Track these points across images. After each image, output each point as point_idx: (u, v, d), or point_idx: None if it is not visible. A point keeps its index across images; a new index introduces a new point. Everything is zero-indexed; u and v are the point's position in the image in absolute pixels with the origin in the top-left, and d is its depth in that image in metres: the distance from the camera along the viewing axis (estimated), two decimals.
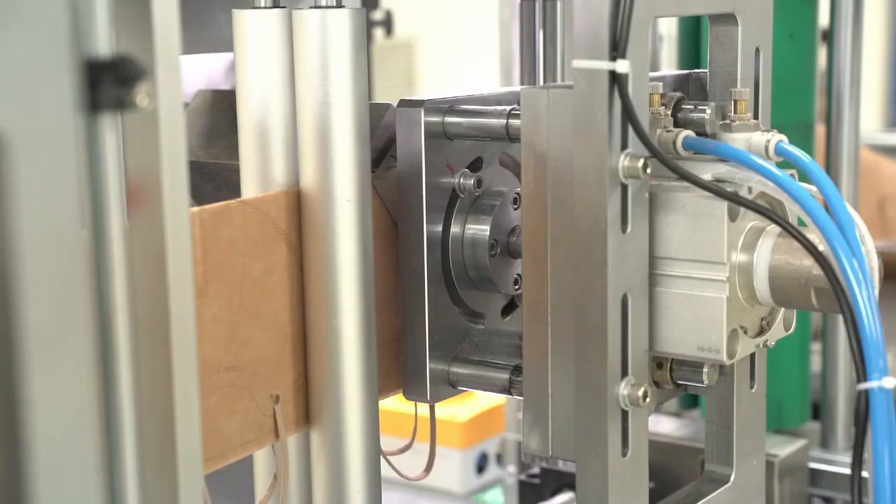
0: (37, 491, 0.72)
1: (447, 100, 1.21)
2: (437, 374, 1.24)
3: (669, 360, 1.16)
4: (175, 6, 0.82)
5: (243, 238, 1.11)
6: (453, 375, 1.25)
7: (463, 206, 1.24)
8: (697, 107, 1.17)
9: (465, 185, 1.23)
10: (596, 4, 1.05)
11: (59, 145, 0.72)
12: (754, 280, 1.11)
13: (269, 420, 1.16)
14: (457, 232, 1.24)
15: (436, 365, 1.24)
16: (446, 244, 1.24)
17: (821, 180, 1.06)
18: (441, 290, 1.24)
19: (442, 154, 1.21)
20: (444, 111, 1.20)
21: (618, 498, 1.11)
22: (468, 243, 1.24)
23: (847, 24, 1.65)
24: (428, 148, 1.19)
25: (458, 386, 1.26)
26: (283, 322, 1.16)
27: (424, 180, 1.19)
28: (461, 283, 1.26)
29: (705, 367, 1.16)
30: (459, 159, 1.24)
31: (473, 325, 1.28)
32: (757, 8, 1.21)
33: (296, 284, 1.17)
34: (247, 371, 1.13)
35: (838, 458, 1.68)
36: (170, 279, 0.83)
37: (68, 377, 0.73)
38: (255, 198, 1.14)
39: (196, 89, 1.43)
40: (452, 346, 1.25)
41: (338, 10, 1.14)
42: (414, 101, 1.19)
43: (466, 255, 1.25)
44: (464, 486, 2.38)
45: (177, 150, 0.83)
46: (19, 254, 0.70)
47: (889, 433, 1.00)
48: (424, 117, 1.18)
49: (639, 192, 1.09)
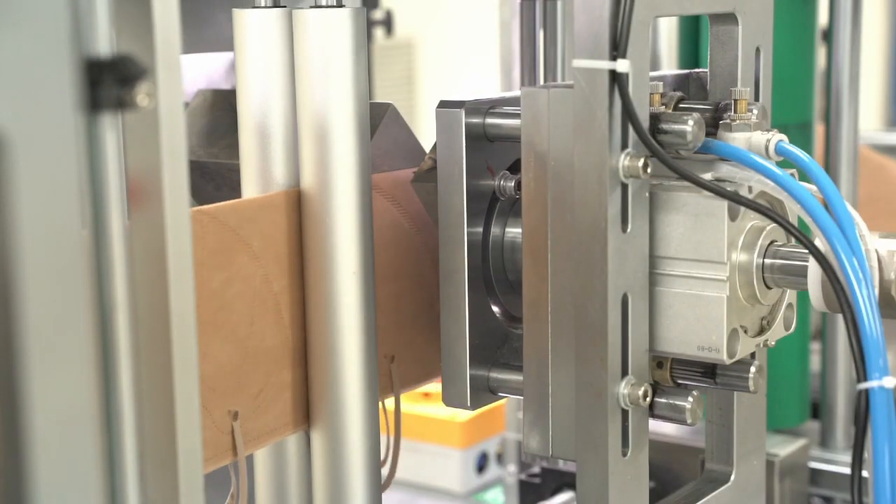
0: (37, 490, 0.72)
1: (488, 101, 1.19)
2: (477, 381, 1.22)
3: (670, 359, 1.16)
4: (175, 6, 0.82)
5: (200, 248, 1.07)
6: (493, 381, 1.23)
7: (503, 209, 1.23)
8: (697, 106, 1.17)
9: (505, 188, 1.21)
10: (596, 4, 1.05)
11: (59, 145, 0.72)
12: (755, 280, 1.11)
13: (226, 437, 1.11)
14: (497, 235, 1.22)
15: (476, 371, 1.21)
16: (486, 247, 1.22)
17: (821, 179, 1.07)
18: (481, 295, 1.22)
19: (482, 156, 1.19)
20: (485, 112, 1.18)
21: (618, 497, 1.11)
22: (508, 246, 1.23)
23: (846, 24, 1.65)
24: (469, 150, 1.17)
25: (498, 392, 1.24)
26: (243, 336, 1.12)
27: (465, 182, 1.18)
28: (501, 286, 1.24)
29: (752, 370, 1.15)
30: (499, 161, 1.21)
31: (513, 330, 1.25)
32: (757, 7, 1.21)
33: (257, 297, 1.13)
34: (203, 386, 1.06)
35: (838, 457, 1.68)
36: (170, 278, 0.83)
37: (69, 376, 0.73)
38: (212, 206, 1.10)
39: (196, 89, 1.43)
40: (492, 352, 1.23)
41: (338, 9, 1.14)
42: (455, 101, 1.17)
43: (506, 259, 1.23)
44: (464, 485, 2.38)
45: (177, 150, 0.83)
46: (20, 253, 0.70)
47: (889, 433, 1.00)
48: (465, 118, 1.17)
49: (639, 192, 1.09)
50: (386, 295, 1.23)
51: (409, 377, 1.29)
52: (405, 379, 1.28)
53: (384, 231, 1.23)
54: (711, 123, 1.15)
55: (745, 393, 1.23)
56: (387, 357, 1.25)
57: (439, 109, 1.18)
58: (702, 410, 1.14)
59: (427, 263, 1.28)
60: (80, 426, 0.74)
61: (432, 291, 1.26)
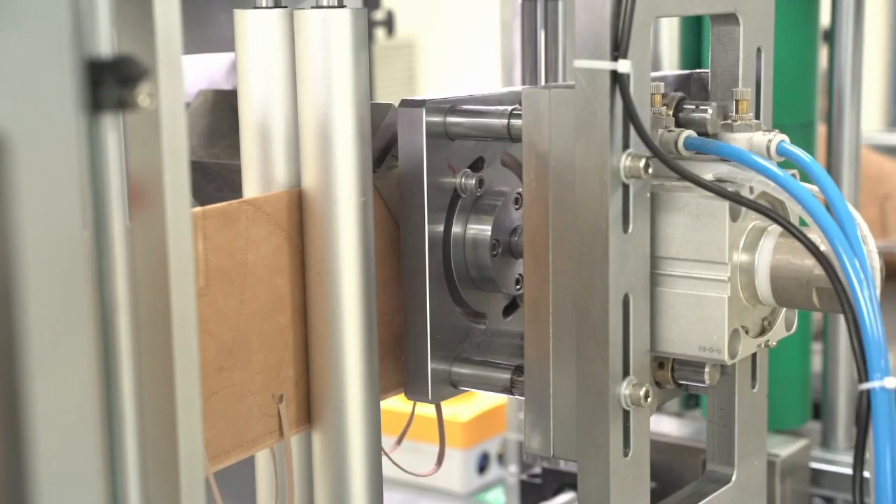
0: (39, 490, 0.72)
1: (449, 100, 1.21)
2: (438, 374, 1.24)
3: (671, 359, 1.16)
4: (176, 6, 0.82)
5: (246, 238, 1.11)
6: (455, 375, 1.25)
7: (464, 206, 1.24)
8: (699, 107, 1.17)
9: (466, 185, 1.23)
10: (598, 4, 1.05)
11: (60, 145, 0.72)
12: (756, 280, 1.11)
13: (273, 419, 1.16)
14: (458, 232, 1.24)
15: (437, 365, 1.24)
16: (448, 244, 1.24)
17: (822, 180, 1.06)
18: (443, 291, 1.24)
19: (443, 154, 1.21)
20: (446, 111, 1.20)
21: (619, 498, 1.11)
22: (470, 243, 1.24)
23: (848, 24, 1.65)
24: (430, 148, 1.19)
25: (459, 386, 1.26)
26: (286, 323, 1.16)
27: (426, 180, 1.19)
28: (463, 283, 1.26)
29: (707, 367, 1.16)
30: (461, 159, 1.23)
31: (475, 326, 1.27)
32: (758, 8, 1.21)
33: (297, 284, 1.17)
34: (249, 370, 1.13)
35: (839, 457, 1.68)
36: (171, 279, 0.83)
37: (70, 377, 0.73)
38: (256, 197, 1.14)
39: (198, 89, 1.43)
40: (454, 346, 1.25)
41: (339, 9, 1.14)
42: (415, 100, 1.19)
43: (468, 255, 1.25)
44: (465, 485, 2.38)
45: (178, 150, 0.83)
46: (21, 254, 0.70)
47: (890, 433, 1.00)
48: (426, 117, 1.18)
49: (640, 192, 1.09)
50: None
51: None
52: None
53: None
54: None
55: (746, 393, 1.23)
56: None
57: (401, 108, 1.20)
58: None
59: None
60: (82, 427, 0.74)
61: None
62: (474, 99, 1.22)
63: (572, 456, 1.15)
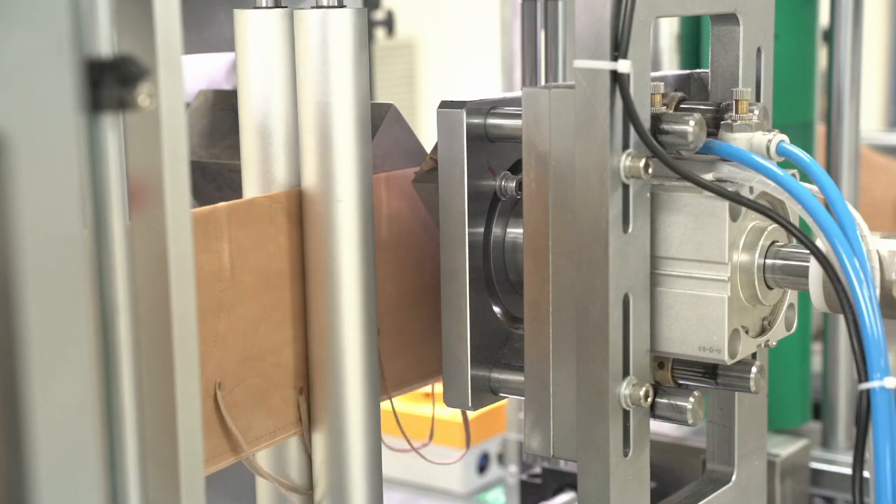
0: (39, 490, 0.72)
1: (489, 101, 1.19)
2: (478, 381, 1.22)
3: (671, 359, 1.16)
4: (176, 6, 0.82)
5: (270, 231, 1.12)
6: (494, 382, 1.23)
7: (504, 210, 1.22)
8: (699, 107, 1.17)
9: (506, 188, 1.20)
10: (598, 4, 1.05)
11: (60, 145, 0.72)
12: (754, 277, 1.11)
13: (293, 410, 1.17)
14: (498, 235, 1.22)
15: (477, 371, 1.21)
16: (487, 248, 1.22)
17: (822, 180, 1.07)
18: (482, 295, 1.21)
19: (483, 156, 1.19)
20: (486, 113, 1.18)
21: (619, 498, 1.11)
22: (509, 247, 1.22)
23: (847, 24, 1.65)
24: (470, 150, 1.17)
25: (499, 392, 1.23)
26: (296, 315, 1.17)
27: (466, 183, 1.18)
28: (502, 287, 1.24)
29: (753, 373, 1.14)
30: (500, 162, 1.21)
31: (514, 331, 1.25)
32: (758, 8, 1.21)
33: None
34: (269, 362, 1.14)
35: (839, 457, 1.68)
36: (171, 279, 0.83)
37: (70, 377, 0.73)
38: (276, 193, 1.15)
39: (198, 89, 1.43)
40: (493, 352, 1.23)
41: (339, 9, 1.14)
42: (456, 102, 1.17)
43: (507, 259, 1.23)
44: (465, 485, 2.38)
45: (178, 150, 0.83)
46: (21, 254, 0.70)
47: (890, 433, 1.00)
48: (466, 119, 1.17)
49: (640, 192, 1.09)
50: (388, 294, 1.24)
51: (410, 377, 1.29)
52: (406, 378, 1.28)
53: None
54: (712, 124, 1.15)
55: (746, 393, 1.23)
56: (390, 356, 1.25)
57: (440, 110, 1.18)
58: (703, 411, 1.14)
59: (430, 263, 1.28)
60: (82, 426, 0.74)
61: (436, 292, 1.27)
62: (514, 100, 1.19)
63: (572, 456, 1.16)
